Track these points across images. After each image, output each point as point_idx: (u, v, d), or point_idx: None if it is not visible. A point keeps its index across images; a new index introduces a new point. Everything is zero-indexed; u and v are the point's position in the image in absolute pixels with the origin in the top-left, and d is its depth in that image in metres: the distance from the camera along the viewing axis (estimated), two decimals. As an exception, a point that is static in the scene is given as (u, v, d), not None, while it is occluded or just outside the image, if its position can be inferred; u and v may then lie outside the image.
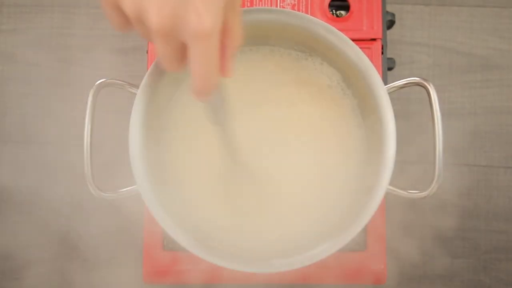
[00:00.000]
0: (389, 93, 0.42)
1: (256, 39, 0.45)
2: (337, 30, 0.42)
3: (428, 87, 0.42)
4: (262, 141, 0.47)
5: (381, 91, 0.41)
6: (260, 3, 0.50)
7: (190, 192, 0.47)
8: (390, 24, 0.52)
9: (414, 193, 0.42)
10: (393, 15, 0.52)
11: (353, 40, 0.42)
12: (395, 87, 0.43)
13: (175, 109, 0.47)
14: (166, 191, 0.45)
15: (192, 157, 0.47)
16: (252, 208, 0.46)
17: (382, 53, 0.49)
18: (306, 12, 0.49)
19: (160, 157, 0.46)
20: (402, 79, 0.43)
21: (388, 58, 0.51)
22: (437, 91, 0.42)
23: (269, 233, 0.46)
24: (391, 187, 0.41)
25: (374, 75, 0.41)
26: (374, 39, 0.49)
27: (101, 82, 0.43)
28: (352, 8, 0.49)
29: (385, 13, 0.50)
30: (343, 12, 0.50)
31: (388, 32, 0.52)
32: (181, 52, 0.30)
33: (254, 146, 0.47)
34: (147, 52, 0.49)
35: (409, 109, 0.61)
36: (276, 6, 0.49)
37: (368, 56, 0.42)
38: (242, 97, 0.47)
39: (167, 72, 0.42)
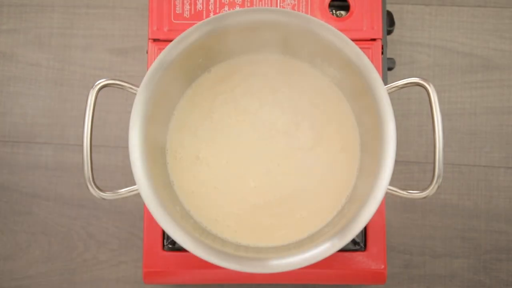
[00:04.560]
0: (389, 93, 0.42)
1: (256, 40, 0.45)
2: (337, 30, 0.42)
3: (428, 87, 0.42)
4: (262, 145, 0.47)
5: (381, 91, 0.41)
6: (260, 3, 0.50)
7: (190, 191, 0.47)
8: (390, 23, 0.52)
9: (414, 193, 0.42)
10: (391, 15, 0.52)
11: (353, 40, 0.42)
12: (395, 87, 0.43)
13: (176, 110, 0.47)
14: (166, 191, 0.45)
15: (192, 157, 0.47)
16: (253, 208, 0.46)
17: (382, 53, 0.49)
18: (306, 12, 0.49)
19: (160, 157, 0.46)
20: (402, 79, 0.43)
21: (388, 58, 0.51)
22: (437, 91, 0.42)
23: (270, 232, 0.46)
24: (391, 187, 0.41)
25: (374, 75, 0.41)
26: (374, 39, 0.49)
27: (101, 82, 0.43)
28: (352, 8, 0.49)
29: (385, 13, 0.50)
30: (343, 12, 0.50)
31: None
32: None
33: (254, 150, 0.47)
34: (147, 52, 0.49)
35: (409, 109, 0.61)
36: (276, 6, 0.49)
37: (368, 56, 0.42)
38: (242, 102, 0.47)
39: (167, 72, 0.43)
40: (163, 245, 0.49)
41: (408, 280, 0.59)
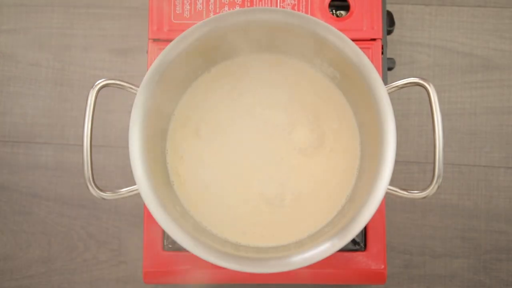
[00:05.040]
0: (389, 93, 0.42)
1: (256, 40, 0.45)
2: (337, 30, 0.42)
3: (428, 87, 0.42)
4: (263, 145, 0.47)
5: (381, 91, 0.41)
6: (260, 3, 0.50)
7: (190, 192, 0.47)
8: (390, 23, 0.52)
9: (414, 193, 0.42)
10: (391, 15, 0.52)
11: (353, 40, 0.42)
12: (395, 87, 0.43)
13: (176, 110, 0.47)
14: (166, 191, 0.45)
15: (192, 158, 0.47)
16: (253, 208, 0.46)
17: (382, 53, 0.49)
18: (306, 12, 0.49)
19: (160, 157, 0.46)
20: (402, 79, 0.43)
21: (388, 58, 0.51)
22: (437, 91, 0.42)
23: (270, 232, 0.46)
24: (391, 187, 0.41)
25: (374, 75, 0.41)
26: (374, 39, 0.49)
27: (101, 82, 0.43)
28: (352, 8, 0.49)
29: (385, 13, 0.50)
30: (343, 12, 0.50)
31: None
32: None
33: (254, 150, 0.47)
34: (147, 52, 0.49)
35: (409, 109, 0.61)
36: (276, 6, 0.49)
37: (368, 56, 0.42)
38: (242, 102, 0.47)
39: (167, 72, 0.43)
40: (163, 245, 0.49)
41: (408, 280, 0.59)
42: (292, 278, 0.50)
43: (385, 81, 0.49)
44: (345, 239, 0.40)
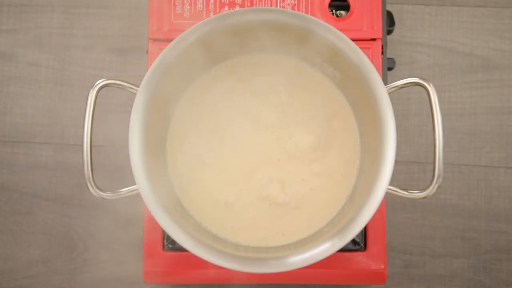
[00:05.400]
0: (389, 93, 0.42)
1: (256, 40, 0.45)
2: (337, 30, 0.42)
3: (428, 87, 0.42)
4: (262, 145, 0.47)
5: (381, 91, 0.41)
6: (260, 3, 0.50)
7: (190, 192, 0.47)
8: (390, 23, 0.52)
9: (414, 193, 0.42)
10: (391, 15, 0.52)
11: (353, 40, 0.42)
12: (395, 87, 0.43)
13: (176, 110, 0.47)
14: (166, 191, 0.45)
15: (192, 158, 0.47)
16: (253, 208, 0.46)
17: (382, 53, 0.49)
18: (306, 12, 0.49)
19: (160, 157, 0.46)
20: (402, 79, 0.43)
21: (388, 58, 0.51)
22: (437, 91, 0.42)
23: (270, 232, 0.46)
24: (391, 187, 0.41)
25: (374, 75, 0.41)
26: (374, 39, 0.49)
27: (101, 82, 0.43)
28: (352, 8, 0.49)
29: (385, 13, 0.50)
30: (343, 12, 0.50)
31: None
32: None
33: (254, 150, 0.47)
34: (147, 52, 0.49)
35: (409, 109, 0.61)
36: (276, 6, 0.49)
37: (368, 56, 0.42)
38: (242, 102, 0.47)
39: (167, 72, 0.43)
40: (163, 245, 0.49)
41: (408, 280, 0.59)
42: (292, 278, 0.50)
43: (385, 81, 0.49)
44: (345, 239, 0.40)
